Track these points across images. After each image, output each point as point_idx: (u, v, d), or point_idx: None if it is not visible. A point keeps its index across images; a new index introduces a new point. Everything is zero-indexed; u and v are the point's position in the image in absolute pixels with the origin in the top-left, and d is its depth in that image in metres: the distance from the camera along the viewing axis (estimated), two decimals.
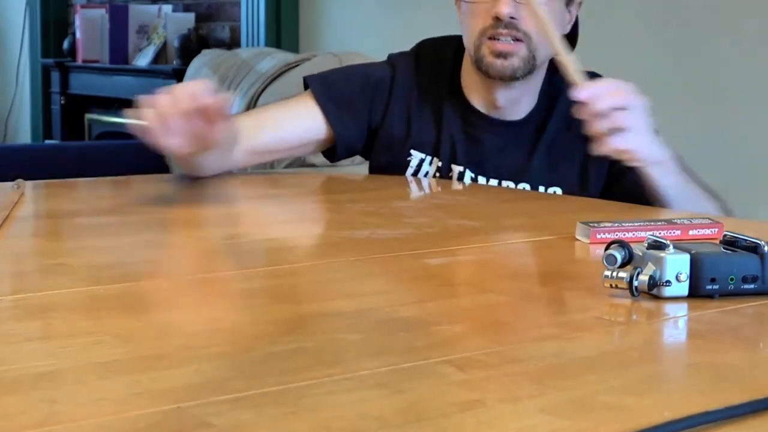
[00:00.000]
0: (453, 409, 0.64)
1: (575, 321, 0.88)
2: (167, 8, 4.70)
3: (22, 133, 5.57)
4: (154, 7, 4.77)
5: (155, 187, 1.48)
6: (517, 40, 1.63)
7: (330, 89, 1.74)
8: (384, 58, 1.83)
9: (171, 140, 1.35)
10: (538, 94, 1.72)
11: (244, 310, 0.90)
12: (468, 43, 1.68)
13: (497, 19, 1.63)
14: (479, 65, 1.67)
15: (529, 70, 1.65)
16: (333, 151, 1.76)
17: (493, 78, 1.66)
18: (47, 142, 5.08)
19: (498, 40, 1.63)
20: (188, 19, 4.57)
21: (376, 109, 1.75)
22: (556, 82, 1.69)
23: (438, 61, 1.76)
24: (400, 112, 1.74)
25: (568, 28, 1.71)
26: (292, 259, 1.22)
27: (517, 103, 1.70)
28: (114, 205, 1.50)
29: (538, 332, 0.85)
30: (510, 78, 1.65)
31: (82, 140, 4.94)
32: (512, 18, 1.62)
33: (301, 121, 1.72)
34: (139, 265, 1.07)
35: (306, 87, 1.77)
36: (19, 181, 1.47)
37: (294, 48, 3.96)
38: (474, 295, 1.00)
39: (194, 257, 1.16)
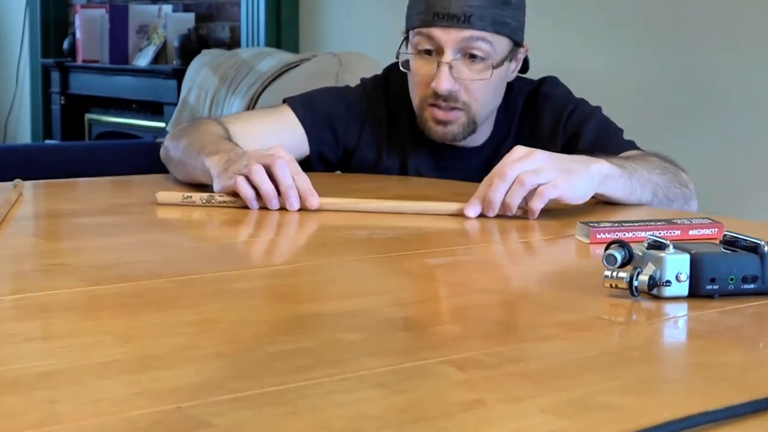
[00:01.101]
0: (453, 409, 0.64)
1: (575, 321, 0.88)
2: (167, 8, 4.70)
3: (22, 133, 5.57)
4: (154, 7, 4.77)
5: (155, 187, 1.48)
6: (456, 108, 1.69)
7: (308, 103, 1.80)
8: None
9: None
10: (494, 120, 1.77)
11: (243, 310, 0.90)
12: (414, 104, 1.74)
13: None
14: (423, 128, 1.73)
15: (471, 131, 1.72)
16: (308, 163, 1.78)
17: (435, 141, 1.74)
18: (47, 142, 5.08)
19: (439, 107, 1.69)
20: (188, 19, 4.57)
21: (351, 130, 1.80)
22: (512, 103, 1.76)
23: (404, 91, 1.78)
24: (372, 137, 1.81)
25: (512, 76, 1.76)
26: (292, 259, 1.22)
27: (472, 139, 1.76)
28: (114, 205, 1.50)
29: (538, 332, 0.85)
30: (452, 141, 1.73)
31: (82, 140, 4.94)
32: (451, 91, 1.67)
33: (282, 132, 1.75)
34: (139, 265, 1.07)
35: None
36: (17, 181, 1.47)
37: (294, 48, 3.96)
38: (474, 295, 1.00)
39: (194, 257, 1.16)
